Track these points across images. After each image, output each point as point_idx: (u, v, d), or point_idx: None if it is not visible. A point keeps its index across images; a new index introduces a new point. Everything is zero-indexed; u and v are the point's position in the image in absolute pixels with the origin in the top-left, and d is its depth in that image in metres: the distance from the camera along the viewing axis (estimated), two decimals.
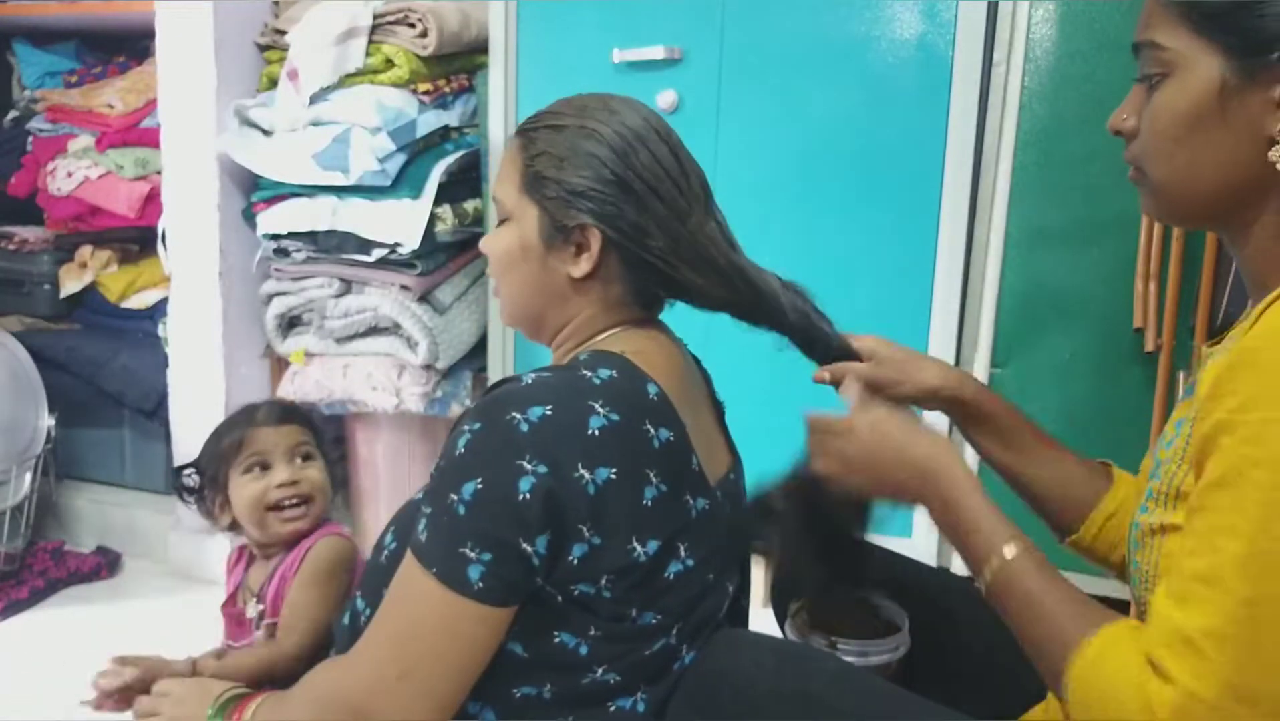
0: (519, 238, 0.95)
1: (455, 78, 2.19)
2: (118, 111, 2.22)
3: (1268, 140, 0.71)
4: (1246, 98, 0.71)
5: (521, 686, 0.90)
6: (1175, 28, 0.74)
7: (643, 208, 0.91)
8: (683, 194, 0.93)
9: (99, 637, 1.97)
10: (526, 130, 0.95)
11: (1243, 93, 0.71)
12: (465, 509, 0.82)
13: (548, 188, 0.92)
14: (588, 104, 0.95)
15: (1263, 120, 0.71)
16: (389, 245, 2.02)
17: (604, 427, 0.84)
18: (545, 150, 0.92)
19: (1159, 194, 0.78)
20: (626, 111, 0.94)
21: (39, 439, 2.23)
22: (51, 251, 2.31)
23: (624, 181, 0.90)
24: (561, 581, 0.85)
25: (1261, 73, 0.71)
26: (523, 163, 0.94)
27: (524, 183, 0.94)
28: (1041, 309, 1.76)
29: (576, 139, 0.91)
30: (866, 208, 1.88)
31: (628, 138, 0.91)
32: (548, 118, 0.95)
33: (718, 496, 0.95)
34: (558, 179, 0.91)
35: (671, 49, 1.93)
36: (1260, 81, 0.71)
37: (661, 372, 0.92)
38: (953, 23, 1.79)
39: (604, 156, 0.90)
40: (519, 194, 0.94)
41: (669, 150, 0.93)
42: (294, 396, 2.13)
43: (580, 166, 0.91)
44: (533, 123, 0.95)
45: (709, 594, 0.95)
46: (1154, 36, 0.76)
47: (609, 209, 0.90)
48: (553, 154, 0.92)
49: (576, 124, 0.92)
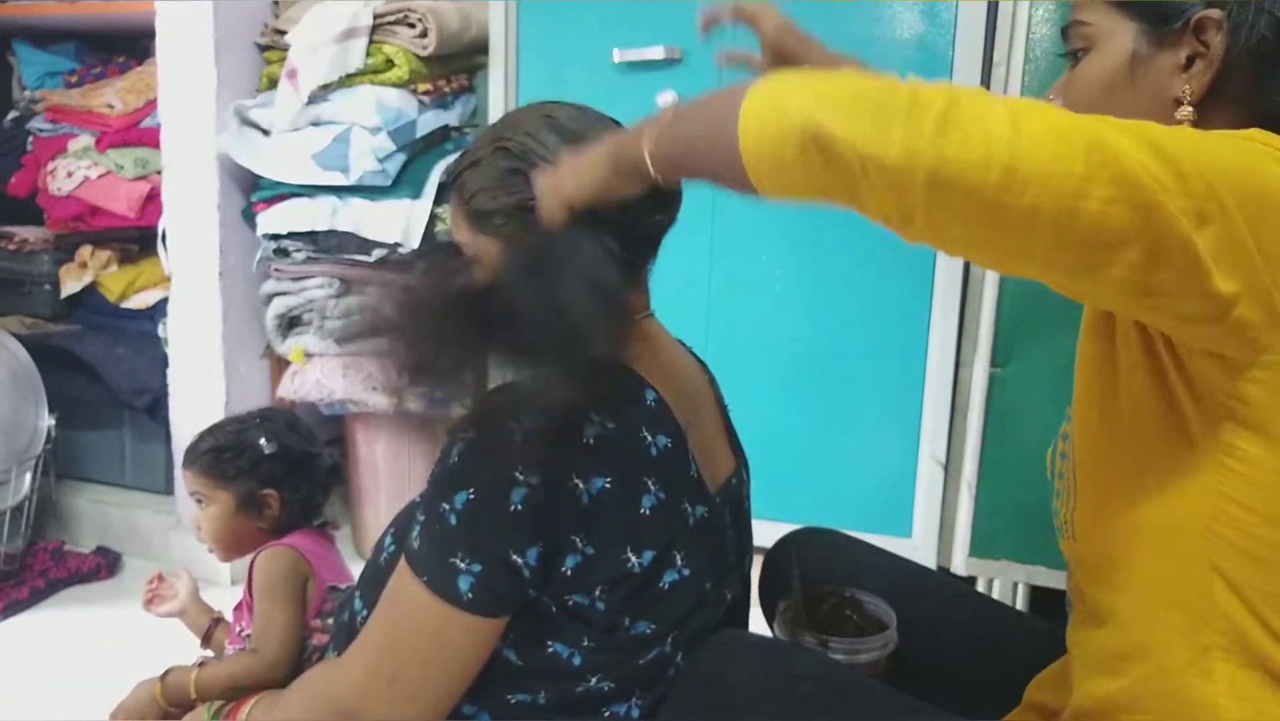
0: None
1: (455, 78, 2.19)
2: (118, 111, 2.22)
3: (1173, 101, 0.78)
4: (1155, 63, 0.78)
5: (516, 693, 0.90)
6: (1096, 5, 0.81)
7: None
8: None
9: (99, 637, 1.97)
10: (453, 180, 0.94)
11: (1151, 59, 0.78)
12: (457, 519, 0.82)
13: (494, 218, 0.90)
14: (494, 127, 0.93)
15: (1169, 83, 0.78)
16: (389, 245, 2.02)
17: (600, 436, 0.84)
18: (478, 188, 0.90)
19: None
20: (527, 119, 0.91)
21: (39, 439, 2.23)
22: (51, 251, 2.31)
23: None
24: (555, 592, 0.85)
25: (1169, 39, 0.77)
26: (463, 208, 0.92)
27: (472, 225, 0.91)
28: (1041, 309, 1.76)
29: (494, 163, 0.89)
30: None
31: (530, 145, 0.88)
32: (465, 159, 0.93)
33: (717, 503, 0.95)
34: (497, 207, 0.89)
35: (671, 49, 1.93)
36: (1168, 47, 0.78)
37: (659, 377, 0.92)
38: (953, 23, 1.79)
39: (522, 167, 0.88)
40: (473, 235, 0.92)
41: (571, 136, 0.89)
42: (294, 396, 2.14)
43: (510, 186, 0.88)
44: (456, 167, 0.94)
45: (706, 603, 0.94)
46: (1078, 15, 0.83)
47: None
48: (484, 189, 0.90)
49: (489, 151, 0.90)
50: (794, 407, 1.97)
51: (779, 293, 1.96)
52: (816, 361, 1.95)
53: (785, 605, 1.06)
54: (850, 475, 1.99)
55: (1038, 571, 1.79)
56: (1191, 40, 0.76)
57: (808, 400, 1.97)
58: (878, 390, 1.92)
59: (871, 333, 1.90)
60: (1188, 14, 0.76)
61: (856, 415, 1.95)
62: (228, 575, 2.18)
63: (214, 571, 2.19)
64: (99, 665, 1.87)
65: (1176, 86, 0.78)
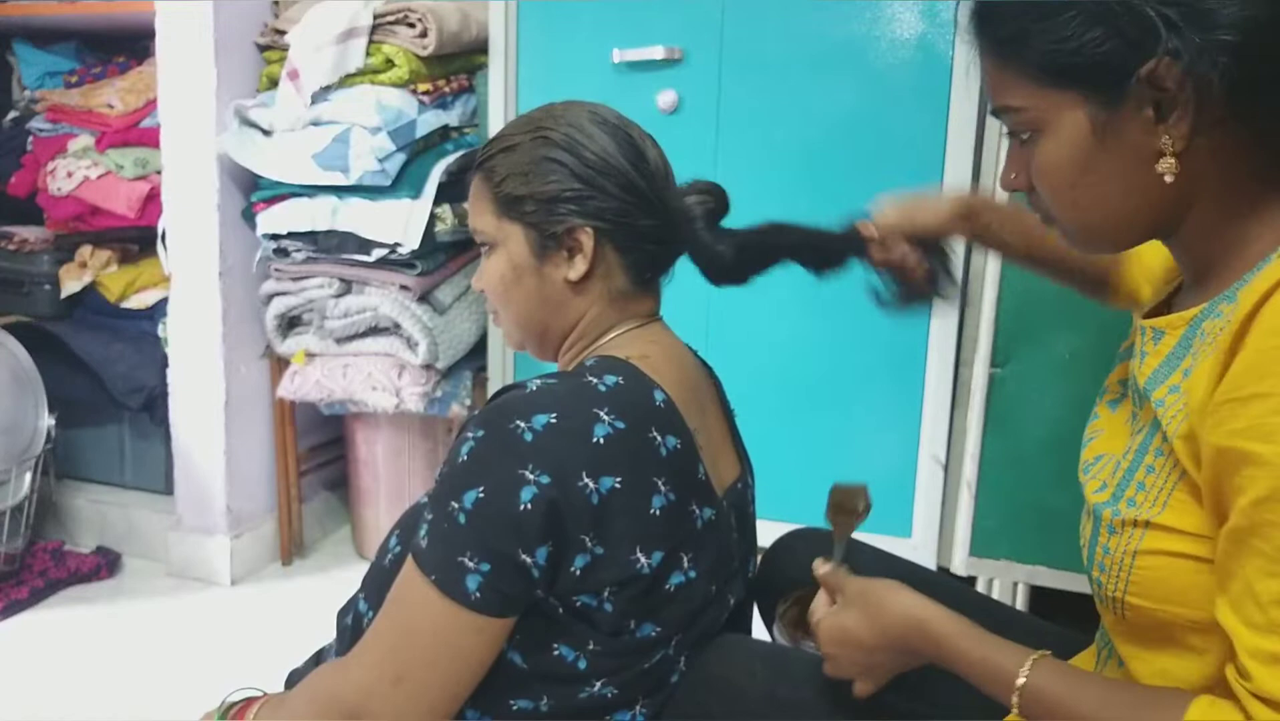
0: (508, 260, 0.95)
1: (455, 78, 2.19)
2: (118, 111, 2.22)
3: (1156, 154, 0.70)
4: (1120, 126, 0.71)
5: (518, 699, 0.90)
6: (1025, 88, 0.73)
7: (614, 195, 0.92)
8: (645, 177, 0.94)
9: (99, 637, 1.97)
10: (482, 162, 0.97)
11: (1115, 124, 0.71)
12: (466, 518, 0.81)
13: (524, 204, 0.93)
14: (533, 116, 0.96)
15: (1145, 140, 0.70)
16: (389, 245, 2.02)
17: (609, 436, 0.83)
18: (510, 172, 0.93)
19: (1081, 238, 0.79)
20: (570, 113, 0.95)
21: (39, 439, 2.23)
22: (51, 251, 2.31)
23: (589, 177, 0.92)
24: (563, 592, 0.85)
25: (1124, 101, 0.70)
26: (490, 191, 0.95)
27: (499, 209, 0.95)
28: (1041, 309, 1.76)
29: (533, 150, 0.93)
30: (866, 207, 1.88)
31: (576, 137, 0.93)
32: (498, 143, 0.96)
33: (724, 505, 0.95)
34: (530, 193, 0.92)
35: (671, 49, 1.93)
36: (1128, 107, 0.70)
37: (668, 378, 0.92)
38: (953, 23, 1.79)
39: (563, 158, 0.92)
40: (497, 220, 0.95)
41: (621, 136, 0.94)
42: (294, 396, 2.14)
43: (546, 174, 0.92)
44: (487, 151, 0.97)
45: (711, 606, 0.94)
46: (1008, 101, 0.75)
47: (590, 204, 0.92)
48: (517, 173, 0.93)
49: (529, 138, 0.93)
50: (794, 407, 1.97)
51: (779, 293, 1.95)
52: (816, 361, 1.95)
53: (784, 606, 1.06)
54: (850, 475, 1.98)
55: (1038, 571, 1.79)
56: (1147, 90, 0.68)
57: (808, 400, 1.97)
58: (878, 390, 1.92)
59: (871, 333, 1.90)
60: (1128, 67, 0.68)
61: (856, 415, 1.95)
62: (227, 575, 2.19)
63: (214, 571, 2.19)
64: (99, 665, 1.87)
65: (1155, 140, 0.70)
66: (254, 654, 1.89)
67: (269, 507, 2.30)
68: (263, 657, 1.83)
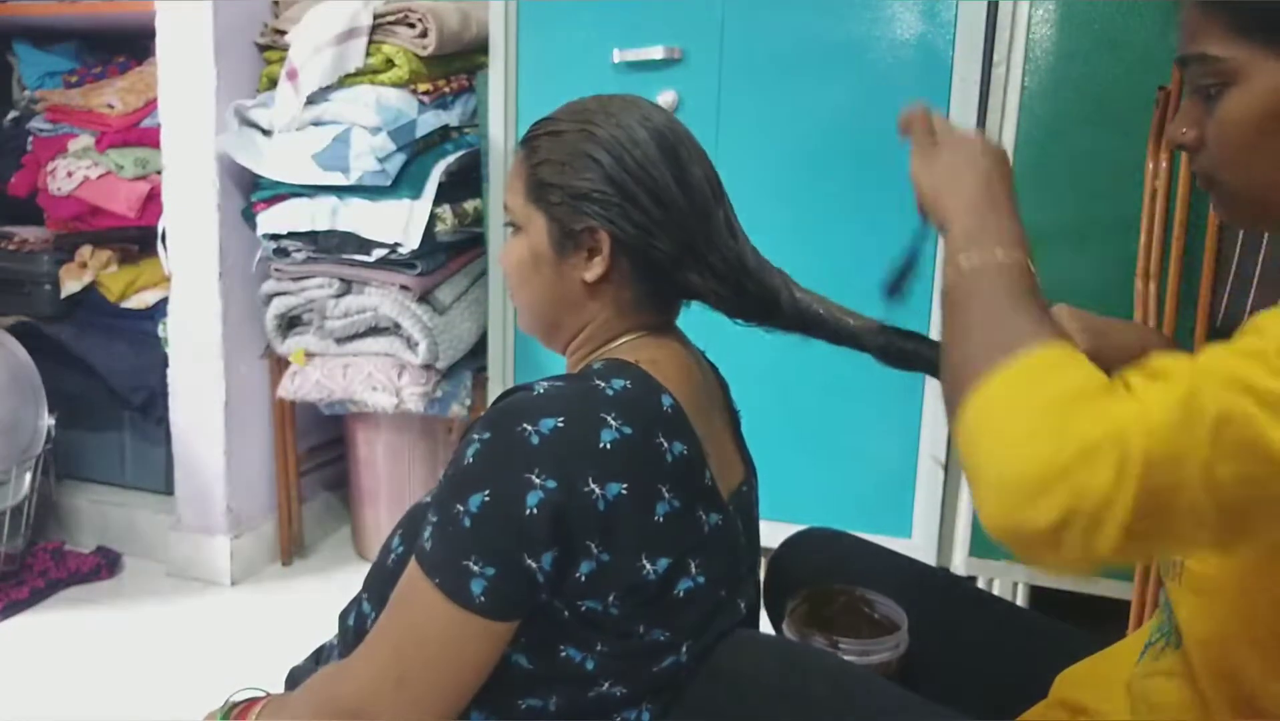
0: (530, 247, 0.94)
1: (455, 78, 2.19)
2: (118, 111, 2.22)
3: None
4: None
5: (527, 698, 0.89)
6: (1225, 37, 0.70)
7: (644, 208, 0.90)
8: (685, 195, 0.92)
9: (99, 637, 1.97)
10: (529, 139, 0.95)
11: None
12: (471, 521, 0.81)
13: (552, 194, 0.91)
14: (587, 106, 0.94)
15: None
16: (389, 245, 2.02)
17: (616, 441, 0.82)
18: (547, 157, 0.92)
19: (1238, 202, 0.76)
20: (624, 113, 0.93)
21: (39, 439, 2.22)
22: (51, 251, 2.31)
23: (623, 183, 0.90)
24: (568, 597, 0.85)
25: None
26: (527, 171, 0.94)
27: (529, 191, 0.93)
28: None
29: (576, 142, 0.91)
30: (866, 207, 1.88)
31: (621, 140, 0.90)
32: (548, 124, 0.94)
33: (730, 510, 0.94)
34: (561, 184, 0.91)
35: (671, 49, 1.93)
36: None
37: (676, 383, 0.91)
38: (953, 23, 1.79)
39: (603, 159, 0.90)
40: (526, 203, 0.94)
41: (667, 148, 0.92)
42: (294, 396, 2.14)
43: (582, 170, 0.90)
44: (535, 130, 0.95)
45: (721, 611, 0.93)
46: (1204, 49, 0.71)
47: (614, 210, 0.90)
48: (554, 160, 0.91)
49: (575, 128, 0.92)
50: (794, 407, 1.97)
51: None
52: (816, 361, 1.95)
53: (794, 605, 1.06)
54: (850, 475, 1.99)
55: (1038, 571, 1.79)
56: None
57: (808, 400, 1.97)
58: (877, 390, 1.92)
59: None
60: None
61: (856, 415, 1.95)
62: (228, 575, 2.19)
63: (214, 572, 2.19)
64: (99, 665, 1.87)
65: None
66: (254, 654, 1.88)
67: (269, 508, 2.30)
68: (263, 658, 1.82)
